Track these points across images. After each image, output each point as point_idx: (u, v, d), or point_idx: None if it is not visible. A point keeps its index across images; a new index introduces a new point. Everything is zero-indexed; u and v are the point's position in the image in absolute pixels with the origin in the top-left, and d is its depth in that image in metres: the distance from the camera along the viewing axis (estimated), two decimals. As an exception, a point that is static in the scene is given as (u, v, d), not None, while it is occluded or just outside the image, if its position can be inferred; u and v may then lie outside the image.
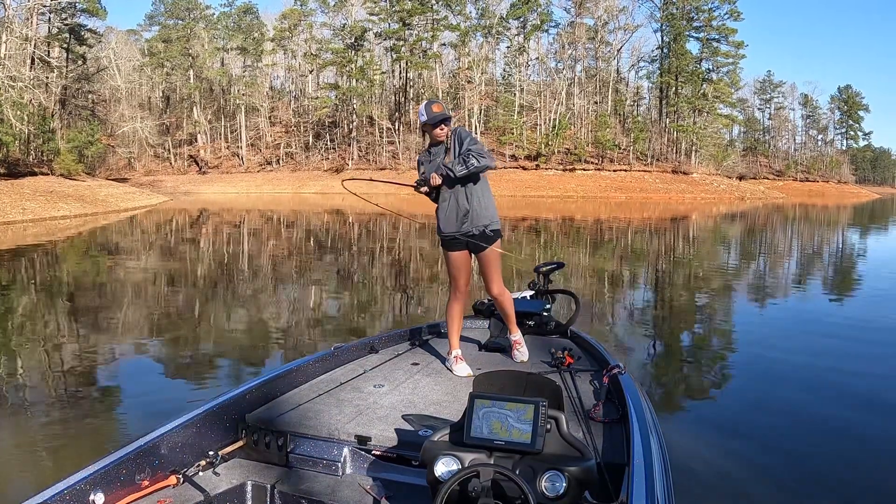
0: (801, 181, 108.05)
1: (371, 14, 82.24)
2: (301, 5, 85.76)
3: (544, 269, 6.30)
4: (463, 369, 4.77)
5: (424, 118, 4.91)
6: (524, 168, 72.52)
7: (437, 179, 4.82)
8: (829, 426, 6.26)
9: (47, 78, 55.51)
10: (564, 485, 2.54)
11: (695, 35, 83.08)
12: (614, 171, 73.85)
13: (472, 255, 5.12)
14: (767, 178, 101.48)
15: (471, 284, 5.24)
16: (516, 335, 5.20)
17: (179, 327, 10.26)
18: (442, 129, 4.93)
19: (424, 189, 4.98)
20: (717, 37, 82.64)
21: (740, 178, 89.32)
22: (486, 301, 5.88)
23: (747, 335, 10.14)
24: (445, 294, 13.15)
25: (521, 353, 5.12)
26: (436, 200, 5.05)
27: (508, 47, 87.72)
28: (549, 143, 73.60)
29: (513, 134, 75.67)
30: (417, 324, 5.98)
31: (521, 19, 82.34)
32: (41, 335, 9.62)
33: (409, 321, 10.92)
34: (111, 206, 41.55)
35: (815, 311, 12.24)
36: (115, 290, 13.87)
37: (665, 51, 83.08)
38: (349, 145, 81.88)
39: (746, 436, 5.96)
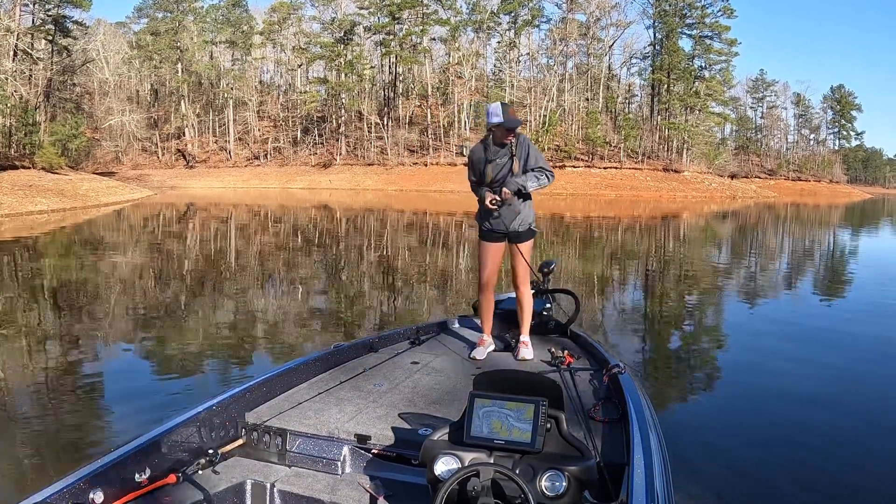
0: (792, 180, 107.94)
1: (361, 8, 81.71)
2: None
3: (545, 268, 6.17)
4: (478, 352, 5.10)
5: (500, 120, 4.98)
6: (514, 165, 71.76)
7: (508, 194, 5.04)
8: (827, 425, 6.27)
9: (30, 70, 54.80)
10: (564, 484, 2.56)
11: (687, 32, 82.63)
12: (604, 168, 73.30)
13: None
14: (759, 177, 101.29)
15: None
16: (525, 336, 5.24)
17: (144, 332, 9.63)
18: (513, 134, 5.06)
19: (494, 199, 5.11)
20: (709, 34, 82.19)
21: (732, 176, 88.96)
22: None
23: (744, 334, 10.21)
24: (438, 286, 13.98)
25: (526, 351, 5.10)
26: (473, 178, 5.42)
27: (499, 43, 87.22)
28: (539, 139, 72.87)
29: (503, 130, 74.85)
30: (417, 323, 6.13)
31: (513, 14, 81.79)
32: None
33: (401, 315, 11.04)
34: (91, 201, 40.86)
35: (809, 311, 12.27)
36: (79, 293, 13.24)
37: (657, 48, 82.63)
38: (337, 140, 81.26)
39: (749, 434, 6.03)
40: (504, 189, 5.04)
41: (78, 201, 39.45)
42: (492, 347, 5.25)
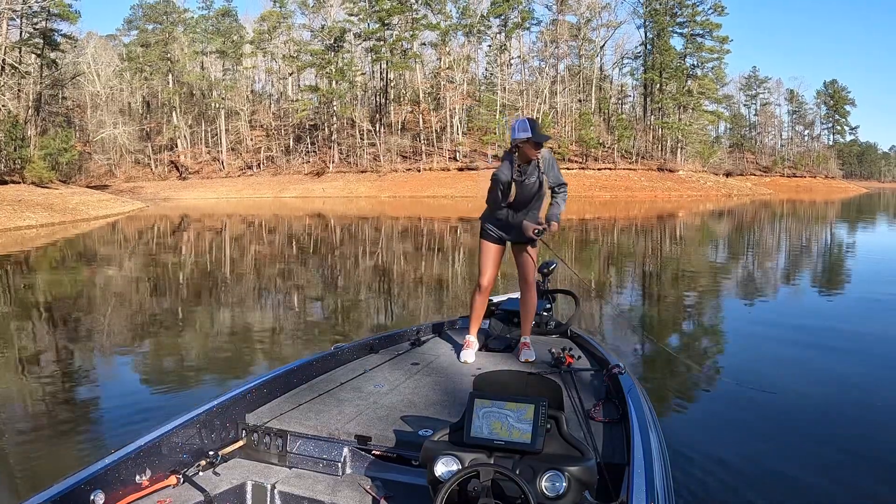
0: (788, 177, 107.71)
1: (350, 14, 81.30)
2: (280, 7, 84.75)
3: (545, 269, 6.33)
4: (468, 355, 5.06)
5: (528, 135, 4.84)
6: (508, 168, 71.25)
7: (555, 227, 5.13)
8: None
9: (19, 84, 54.49)
10: (564, 485, 2.55)
11: (678, 31, 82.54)
12: (598, 169, 72.92)
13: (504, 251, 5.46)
14: (754, 175, 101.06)
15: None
16: (526, 337, 5.28)
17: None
18: (540, 150, 4.95)
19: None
20: (701, 32, 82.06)
21: (727, 174, 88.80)
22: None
23: (745, 330, 10.26)
24: (437, 291, 14.07)
25: (528, 353, 5.11)
26: (502, 203, 5.13)
27: (490, 46, 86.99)
28: (532, 142, 72.68)
29: (495, 134, 74.58)
30: (417, 324, 6.16)
31: (503, 17, 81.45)
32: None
33: (400, 320, 11.07)
34: (81, 215, 40.43)
35: (814, 307, 12.25)
36: (70, 309, 12.82)
37: (649, 47, 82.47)
38: (330, 148, 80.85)
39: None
40: (553, 224, 5.09)
41: (67, 215, 39.04)
42: (476, 347, 5.27)
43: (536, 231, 5.05)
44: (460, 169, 72.52)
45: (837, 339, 9.39)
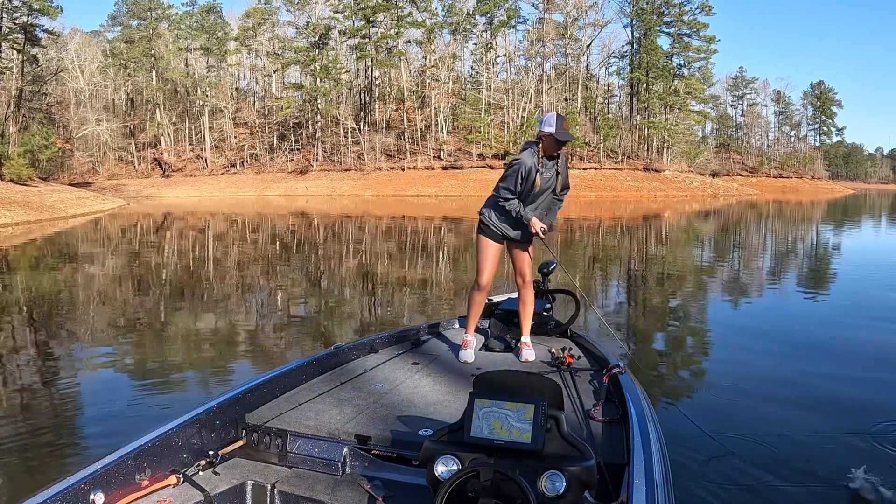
0: (774, 177, 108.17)
1: (335, 12, 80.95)
2: (264, 4, 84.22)
3: (545, 269, 6.26)
4: (467, 355, 5.06)
5: (552, 129, 4.90)
6: (492, 167, 70.84)
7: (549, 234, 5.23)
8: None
9: (-1, 80, 53.93)
10: (564, 485, 2.56)
11: (665, 30, 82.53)
12: (584, 169, 72.54)
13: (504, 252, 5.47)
14: (741, 175, 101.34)
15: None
16: (526, 337, 5.26)
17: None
18: (561, 148, 5.03)
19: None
20: (688, 32, 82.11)
21: (713, 175, 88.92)
22: (486, 301, 5.77)
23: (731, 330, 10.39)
24: (432, 291, 14.04)
25: (528, 353, 5.11)
26: (518, 191, 5.15)
27: (476, 44, 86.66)
28: (518, 141, 72.45)
29: (480, 132, 74.44)
30: (417, 324, 6.14)
31: (489, 15, 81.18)
32: None
33: (395, 320, 11.02)
34: (59, 213, 39.80)
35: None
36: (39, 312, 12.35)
37: (635, 46, 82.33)
38: (314, 146, 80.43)
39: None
40: (552, 230, 5.24)
41: (45, 213, 38.42)
42: (476, 347, 5.29)
43: (543, 230, 5.10)
44: (445, 168, 72.29)
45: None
